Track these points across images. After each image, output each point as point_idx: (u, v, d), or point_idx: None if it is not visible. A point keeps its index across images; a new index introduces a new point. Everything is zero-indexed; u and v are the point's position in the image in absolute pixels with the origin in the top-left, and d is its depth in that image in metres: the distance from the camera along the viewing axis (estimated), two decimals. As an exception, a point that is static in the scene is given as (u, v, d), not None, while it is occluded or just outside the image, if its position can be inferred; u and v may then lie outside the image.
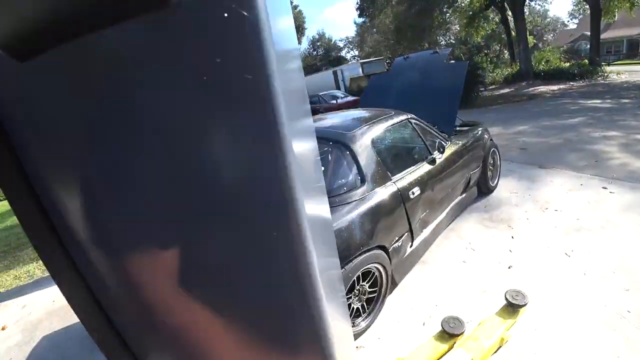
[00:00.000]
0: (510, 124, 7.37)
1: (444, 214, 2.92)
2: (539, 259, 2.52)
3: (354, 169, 2.24)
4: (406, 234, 2.37)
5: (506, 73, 17.82)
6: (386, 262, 2.16)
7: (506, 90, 14.55)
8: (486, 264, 2.58)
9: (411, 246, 2.50)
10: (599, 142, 5.01)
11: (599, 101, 9.08)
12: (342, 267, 1.87)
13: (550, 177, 3.99)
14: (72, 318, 2.27)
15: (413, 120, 2.86)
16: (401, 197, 2.29)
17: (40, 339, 2.51)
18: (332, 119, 3.03)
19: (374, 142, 2.39)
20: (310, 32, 54.49)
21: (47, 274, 3.26)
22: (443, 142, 2.84)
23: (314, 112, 14.56)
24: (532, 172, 4.23)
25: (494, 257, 2.65)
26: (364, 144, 2.33)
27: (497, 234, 2.98)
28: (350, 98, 13.03)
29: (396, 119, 2.74)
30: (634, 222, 2.78)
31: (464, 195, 3.30)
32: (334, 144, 2.33)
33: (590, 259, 2.42)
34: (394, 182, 2.31)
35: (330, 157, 2.32)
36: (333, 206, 2.04)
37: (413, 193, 2.37)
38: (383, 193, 2.21)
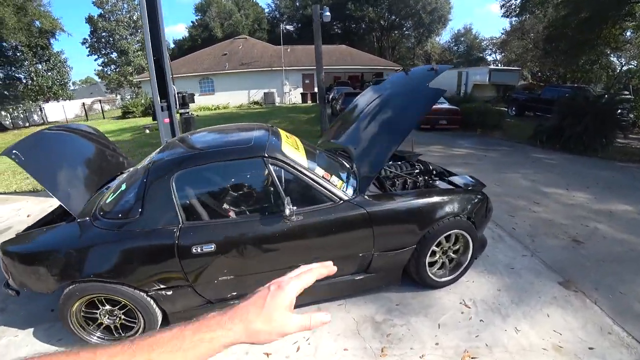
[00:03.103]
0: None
1: None
2: None
3: (139, 198, 2.18)
4: (183, 287, 2.22)
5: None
6: (146, 303, 2.20)
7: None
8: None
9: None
10: None
11: None
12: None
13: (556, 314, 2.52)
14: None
15: (273, 159, 2.26)
16: (176, 248, 2.08)
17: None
18: (195, 137, 2.79)
19: (181, 175, 2.20)
20: (457, 23, 48.90)
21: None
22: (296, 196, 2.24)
23: None
24: (541, 288, 2.83)
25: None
26: (160, 175, 2.20)
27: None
28: (446, 106, 11.72)
29: (240, 155, 2.29)
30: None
31: (362, 276, 2.60)
32: (143, 168, 2.39)
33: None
34: (178, 228, 2.11)
35: (134, 178, 2.38)
36: (99, 227, 2.17)
37: (201, 249, 2.11)
38: (155, 235, 2.11)
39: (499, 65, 29.04)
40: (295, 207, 2.15)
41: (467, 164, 7.02)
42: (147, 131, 14.57)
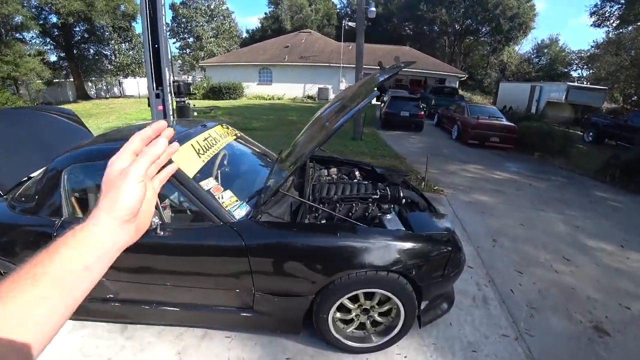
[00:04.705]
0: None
1: None
2: None
3: (37, 186, 2.27)
4: None
5: None
6: None
7: None
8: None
9: None
10: None
11: None
12: None
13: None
14: None
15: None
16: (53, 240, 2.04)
17: None
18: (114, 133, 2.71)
19: (73, 169, 2.20)
20: (541, 33, 42.75)
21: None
22: None
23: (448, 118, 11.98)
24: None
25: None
26: (55, 166, 2.23)
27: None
28: (501, 122, 10.15)
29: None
30: None
31: (250, 314, 2.14)
32: None
33: None
34: (60, 221, 2.11)
35: None
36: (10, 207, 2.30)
37: None
38: (39, 223, 2.16)
39: (584, 82, 24.78)
40: (160, 222, 1.89)
41: (499, 192, 5.79)
42: (195, 114, 15.11)
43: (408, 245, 1.98)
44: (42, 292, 0.38)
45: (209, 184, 2.11)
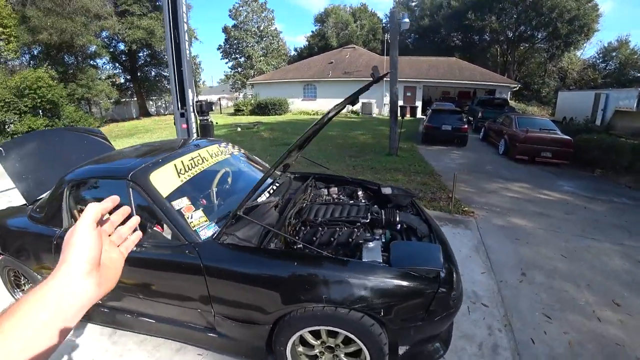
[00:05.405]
0: None
1: None
2: None
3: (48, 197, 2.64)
4: None
5: None
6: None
7: None
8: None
9: None
10: None
11: None
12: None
13: None
14: None
15: (134, 184, 2.18)
16: (53, 247, 2.40)
17: None
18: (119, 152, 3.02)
19: (73, 184, 2.44)
20: (608, 35, 37.46)
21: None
22: None
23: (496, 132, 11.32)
24: None
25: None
26: (62, 181, 2.52)
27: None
28: (554, 134, 9.12)
29: (113, 174, 2.37)
30: None
31: (214, 335, 2.12)
32: None
33: None
34: (61, 230, 2.41)
35: None
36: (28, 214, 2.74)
37: None
38: (45, 230, 2.53)
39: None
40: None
41: (542, 215, 5.08)
42: (239, 129, 15.82)
43: (375, 281, 1.70)
44: (2, 341, 0.40)
45: (180, 203, 2.15)
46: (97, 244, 0.50)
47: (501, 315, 2.61)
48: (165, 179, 2.25)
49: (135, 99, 27.49)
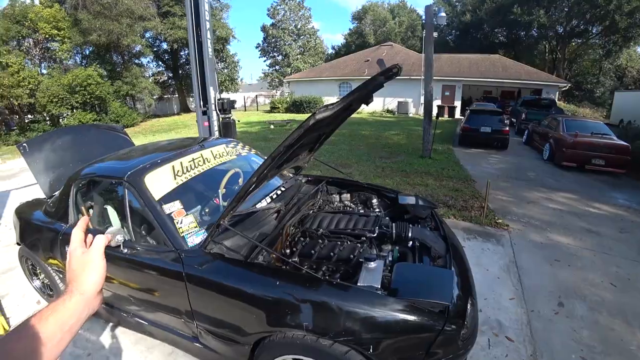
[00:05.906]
0: None
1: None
2: None
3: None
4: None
5: None
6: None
7: None
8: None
9: None
10: None
11: None
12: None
13: None
14: None
15: (129, 185, 2.14)
16: (59, 241, 2.49)
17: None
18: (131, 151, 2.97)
19: (79, 183, 2.49)
20: None
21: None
22: None
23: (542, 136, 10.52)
24: None
25: None
26: (71, 178, 2.62)
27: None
28: (609, 140, 8.17)
29: (112, 174, 2.37)
30: None
31: (200, 346, 2.05)
32: None
33: None
34: (67, 226, 2.50)
35: None
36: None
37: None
38: (53, 224, 2.66)
39: None
40: (123, 239, 1.89)
41: (590, 232, 4.48)
42: (272, 127, 15.98)
43: (368, 311, 1.46)
44: (53, 319, 0.61)
45: (172, 207, 2.07)
46: (104, 269, 0.71)
47: (528, 355, 2.24)
48: (160, 181, 2.19)
49: (177, 95, 28.78)
